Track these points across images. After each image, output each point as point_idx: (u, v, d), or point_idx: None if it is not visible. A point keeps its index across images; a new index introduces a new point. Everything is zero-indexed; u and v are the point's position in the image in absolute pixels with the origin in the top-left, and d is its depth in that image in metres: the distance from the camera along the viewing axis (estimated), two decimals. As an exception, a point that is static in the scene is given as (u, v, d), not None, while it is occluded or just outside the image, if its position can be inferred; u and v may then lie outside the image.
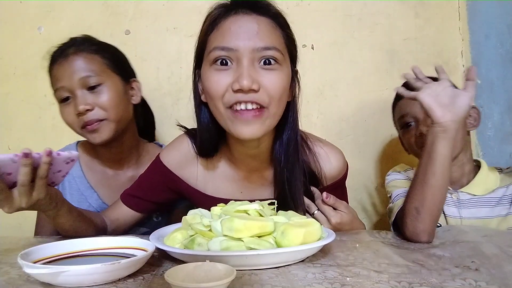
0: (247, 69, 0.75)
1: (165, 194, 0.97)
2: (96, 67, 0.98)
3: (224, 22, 0.78)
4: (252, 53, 0.75)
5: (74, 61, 0.97)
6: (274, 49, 0.77)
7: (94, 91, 0.97)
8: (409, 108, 1.09)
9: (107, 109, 0.97)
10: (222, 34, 0.77)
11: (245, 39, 0.76)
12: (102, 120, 0.97)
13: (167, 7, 1.45)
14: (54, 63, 1.00)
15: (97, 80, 0.97)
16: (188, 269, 0.52)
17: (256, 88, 0.75)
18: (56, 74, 0.98)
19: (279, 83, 0.77)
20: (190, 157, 0.93)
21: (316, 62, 1.46)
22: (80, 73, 0.96)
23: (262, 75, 0.76)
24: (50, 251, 0.65)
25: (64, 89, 0.97)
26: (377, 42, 1.47)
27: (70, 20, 1.44)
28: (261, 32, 0.76)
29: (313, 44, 1.46)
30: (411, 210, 0.81)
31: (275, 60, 0.77)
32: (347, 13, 1.47)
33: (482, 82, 1.40)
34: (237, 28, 0.76)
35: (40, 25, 1.44)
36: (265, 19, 0.78)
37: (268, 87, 0.76)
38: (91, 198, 1.07)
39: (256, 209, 0.70)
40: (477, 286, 0.55)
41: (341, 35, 1.47)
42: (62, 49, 1.00)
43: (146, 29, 1.45)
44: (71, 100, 0.97)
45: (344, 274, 0.60)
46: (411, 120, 1.09)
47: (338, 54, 1.47)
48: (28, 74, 1.44)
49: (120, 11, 1.45)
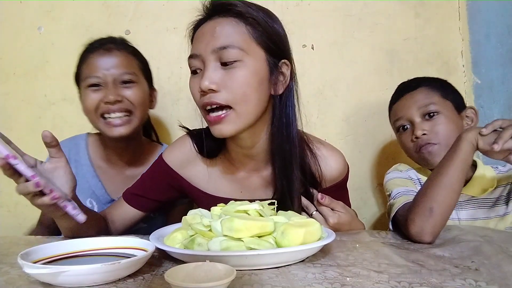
0: (207, 71, 0.79)
1: (168, 192, 0.98)
2: (132, 66, 1.06)
3: (197, 32, 0.84)
4: (211, 55, 0.79)
5: (115, 56, 1.04)
6: (231, 47, 0.78)
7: (127, 86, 1.04)
8: (404, 111, 1.08)
9: (135, 105, 1.04)
10: (194, 43, 0.84)
11: (205, 43, 0.80)
12: (128, 115, 1.03)
13: (167, 7, 1.45)
14: (92, 52, 1.05)
15: (131, 78, 1.04)
16: (188, 269, 0.52)
17: (214, 88, 0.78)
18: (94, 63, 1.03)
19: (240, 80, 0.79)
20: (191, 157, 0.95)
21: (316, 62, 1.46)
22: (118, 68, 1.03)
23: (224, 74, 0.79)
24: (50, 251, 0.65)
25: (99, 78, 1.02)
26: (377, 42, 1.47)
27: (70, 20, 1.45)
28: (219, 32, 0.79)
29: (313, 44, 1.46)
30: (425, 210, 0.80)
31: (235, 58, 0.79)
32: (347, 13, 1.47)
33: (482, 82, 1.40)
34: (201, 35, 0.82)
35: (40, 25, 1.44)
36: (226, 19, 0.80)
37: (229, 86, 0.79)
38: (96, 186, 1.11)
39: (256, 209, 0.70)
40: (477, 286, 0.55)
41: (341, 35, 1.47)
42: (103, 42, 1.07)
43: (146, 29, 1.45)
44: (101, 88, 1.02)
45: (344, 274, 0.60)
46: (406, 123, 1.08)
47: (338, 54, 1.47)
48: (28, 74, 1.44)
49: (120, 11, 1.45)
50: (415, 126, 1.05)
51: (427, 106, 1.04)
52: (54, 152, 0.75)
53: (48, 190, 0.68)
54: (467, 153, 0.82)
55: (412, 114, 1.06)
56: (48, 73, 1.44)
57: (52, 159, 0.76)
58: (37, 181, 0.66)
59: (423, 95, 1.06)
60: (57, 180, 0.75)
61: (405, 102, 1.08)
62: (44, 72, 1.45)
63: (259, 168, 0.93)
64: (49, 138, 0.74)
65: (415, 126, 1.05)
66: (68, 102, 1.44)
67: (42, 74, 1.45)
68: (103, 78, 1.02)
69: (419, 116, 1.05)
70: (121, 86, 1.03)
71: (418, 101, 1.06)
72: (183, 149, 0.95)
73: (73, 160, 1.11)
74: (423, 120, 1.05)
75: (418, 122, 1.05)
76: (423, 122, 1.05)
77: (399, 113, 1.10)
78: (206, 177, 0.94)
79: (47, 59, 1.44)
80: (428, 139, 1.03)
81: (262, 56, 0.82)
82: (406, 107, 1.07)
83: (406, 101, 1.08)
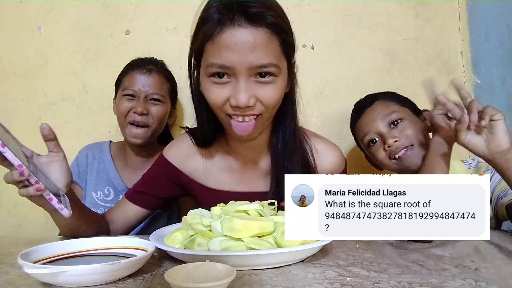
0: (244, 86, 0.76)
1: (169, 189, 0.99)
2: (163, 89, 1.26)
3: (220, 35, 0.75)
4: (248, 71, 0.76)
5: (152, 77, 1.24)
6: (271, 66, 0.77)
7: (154, 103, 1.24)
8: (369, 125, 1.11)
9: (155, 120, 1.23)
10: (218, 49, 0.76)
11: (241, 57, 0.75)
12: (147, 127, 1.22)
13: (167, 7, 1.45)
14: (136, 68, 1.25)
15: (159, 98, 1.24)
16: (188, 269, 0.52)
17: (252, 104, 0.77)
18: (134, 77, 1.23)
19: (274, 95, 0.79)
20: (191, 152, 0.97)
21: (316, 62, 1.45)
22: (152, 87, 1.23)
23: (258, 89, 0.78)
24: (50, 251, 0.65)
25: (134, 91, 1.22)
26: (377, 42, 1.47)
27: (70, 20, 1.45)
28: (257, 48, 0.75)
29: (313, 44, 1.46)
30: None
31: (271, 74, 0.78)
32: (347, 13, 1.46)
33: (482, 82, 1.40)
34: (233, 45, 0.74)
35: (40, 25, 1.44)
36: (261, 31, 0.75)
37: (263, 100, 0.78)
38: (114, 177, 1.27)
39: (256, 209, 0.70)
40: (477, 286, 0.55)
41: (341, 35, 1.47)
42: (145, 62, 1.27)
43: (146, 29, 1.45)
44: (134, 99, 1.22)
45: (344, 274, 0.60)
46: (374, 136, 1.10)
47: (338, 54, 1.47)
48: (28, 74, 1.44)
49: (120, 11, 1.45)
50: (385, 136, 1.07)
51: (389, 115, 1.08)
52: (52, 146, 0.76)
53: (33, 181, 0.68)
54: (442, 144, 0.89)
55: (378, 126, 1.09)
56: (48, 73, 1.44)
57: (49, 153, 0.76)
58: (21, 171, 0.66)
59: (383, 107, 1.11)
60: (52, 174, 0.75)
61: (368, 117, 1.12)
62: (44, 72, 1.45)
63: (257, 159, 0.94)
64: (46, 131, 0.74)
65: (384, 136, 1.08)
66: (68, 102, 1.44)
67: (42, 74, 1.45)
68: (137, 92, 1.22)
69: (385, 126, 1.08)
70: (150, 102, 1.23)
71: (380, 113, 1.10)
72: (183, 145, 0.97)
73: (98, 157, 1.30)
74: (389, 129, 1.08)
75: (386, 132, 1.08)
76: (390, 130, 1.08)
77: (365, 129, 1.12)
78: (205, 171, 0.96)
79: (47, 59, 1.44)
80: (401, 144, 1.05)
81: (286, 65, 0.82)
82: (370, 121, 1.11)
83: (368, 116, 1.12)
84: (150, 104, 1.23)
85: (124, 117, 1.23)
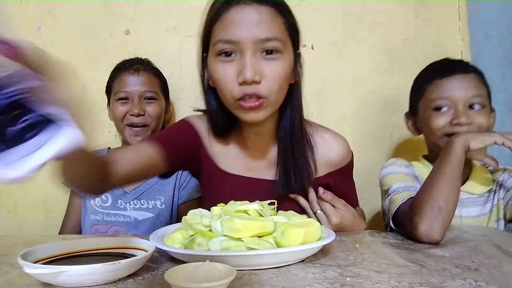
0: (250, 61, 0.79)
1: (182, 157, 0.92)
2: (154, 86, 1.27)
3: (226, 14, 0.80)
4: (254, 45, 0.79)
5: (141, 75, 1.25)
6: (275, 40, 0.80)
7: (149, 101, 1.25)
8: (454, 92, 0.99)
9: (153, 118, 1.25)
10: (225, 27, 0.80)
11: (246, 31, 0.79)
12: (145, 126, 1.23)
13: (167, 7, 1.45)
14: (123, 70, 1.25)
15: (153, 95, 1.25)
16: (188, 269, 0.52)
17: (258, 80, 0.79)
18: (124, 80, 1.24)
19: (280, 72, 0.81)
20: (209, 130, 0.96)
21: (316, 62, 1.45)
22: (143, 86, 1.24)
23: (265, 65, 0.80)
24: (50, 251, 0.65)
25: (127, 93, 1.23)
26: (377, 42, 1.47)
27: (70, 20, 1.45)
28: (262, 22, 0.79)
29: (313, 44, 1.46)
30: (433, 209, 0.79)
31: (277, 50, 0.81)
32: (347, 13, 1.47)
33: (482, 82, 1.40)
34: (239, 20, 0.79)
35: (40, 25, 1.44)
36: (266, 8, 0.80)
37: (269, 77, 0.80)
38: None
39: (256, 209, 0.70)
40: (477, 286, 0.55)
41: (341, 35, 1.47)
42: (131, 63, 1.27)
43: (146, 29, 1.45)
44: (128, 102, 1.23)
45: (344, 274, 0.60)
46: (449, 105, 0.99)
47: (338, 54, 1.47)
48: (28, 74, 1.44)
49: (120, 11, 1.45)
50: (460, 113, 0.97)
51: (479, 96, 0.98)
52: None
53: None
54: (461, 153, 0.85)
55: (463, 98, 0.98)
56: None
57: None
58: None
59: (477, 83, 1.00)
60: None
61: (456, 84, 0.99)
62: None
63: (265, 149, 0.94)
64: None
65: (459, 112, 0.97)
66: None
67: (42, 74, 1.44)
68: (130, 93, 1.23)
69: (467, 102, 0.98)
70: (144, 101, 1.24)
71: (470, 88, 0.98)
72: (205, 121, 0.95)
73: None
74: (467, 109, 0.98)
75: (463, 110, 0.97)
76: (467, 110, 0.98)
77: (445, 93, 0.99)
78: (219, 152, 0.95)
79: (47, 59, 1.44)
80: (467, 130, 0.96)
81: (291, 47, 0.85)
82: (456, 89, 0.98)
83: (457, 83, 0.99)
84: (145, 104, 1.24)
85: (121, 121, 1.23)
